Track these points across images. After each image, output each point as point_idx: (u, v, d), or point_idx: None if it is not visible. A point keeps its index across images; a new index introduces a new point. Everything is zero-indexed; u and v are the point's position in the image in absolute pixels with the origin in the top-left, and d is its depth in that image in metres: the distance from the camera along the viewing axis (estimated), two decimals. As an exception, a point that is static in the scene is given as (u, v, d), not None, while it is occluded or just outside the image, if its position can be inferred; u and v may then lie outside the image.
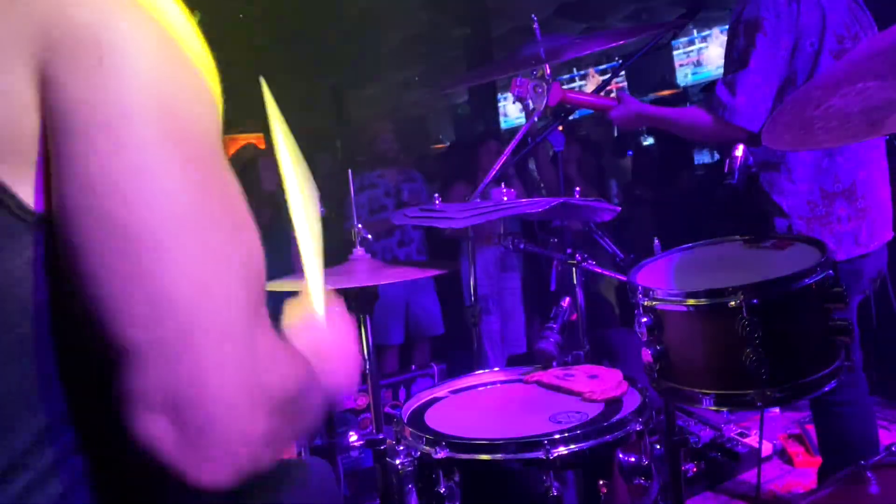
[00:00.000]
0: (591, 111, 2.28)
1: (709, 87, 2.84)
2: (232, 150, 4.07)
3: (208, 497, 0.60)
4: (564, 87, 2.19)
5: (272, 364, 0.62)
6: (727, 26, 2.07)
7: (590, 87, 10.94)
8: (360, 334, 1.87)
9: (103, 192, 0.56)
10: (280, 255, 3.74)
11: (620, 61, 10.82)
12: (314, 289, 1.06)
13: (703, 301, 1.41)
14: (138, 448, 0.57)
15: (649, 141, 6.45)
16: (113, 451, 0.62)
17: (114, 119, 0.56)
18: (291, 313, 1.01)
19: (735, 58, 1.96)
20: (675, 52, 9.93)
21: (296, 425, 0.67)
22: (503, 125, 10.76)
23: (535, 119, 2.24)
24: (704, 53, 10.07)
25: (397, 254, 4.08)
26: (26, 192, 0.58)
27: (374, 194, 4.08)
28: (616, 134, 6.19)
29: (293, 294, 1.03)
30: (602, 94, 2.40)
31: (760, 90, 1.92)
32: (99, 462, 0.63)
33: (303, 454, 2.04)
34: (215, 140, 0.64)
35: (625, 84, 9.04)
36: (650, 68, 9.57)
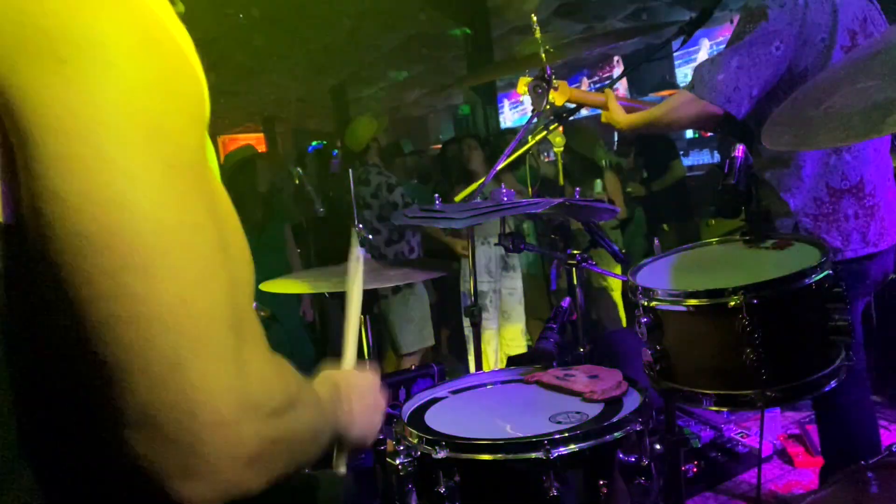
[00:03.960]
0: (598, 111, 2.27)
1: None
2: (231, 150, 4.07)
3: None
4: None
5: (260, 378, 0.60)
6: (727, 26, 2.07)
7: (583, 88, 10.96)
8: (360, 335, 1.87)
9: (77, 206, 0.52)
10: (277, 253, 3.76)
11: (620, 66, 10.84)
12: (349, 351, 1.09)
13: (703, 301, 1.41)
14: (119, 468, 0.55)
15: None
16: (97, 468, 0.59)
17: (87, 126, 0.52)
18: (327, 368, 1.00)
19: (730, 40, 1.94)
20: (675, 53, 9.94)
21: (290, 443, 0.64)
22: (503, 125, 10.76)
23: (535, 119, 2.25)
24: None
25: (386, 252, 4.09)
26: None
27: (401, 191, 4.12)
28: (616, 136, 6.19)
29: (292, 294, 1.04)
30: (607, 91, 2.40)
31: (745, 73, 1.87)
32: (82, 478, 0.60)
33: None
34: (200, 146, 0.60)
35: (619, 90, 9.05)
36: (650, 68, 9.58)
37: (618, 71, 11.27)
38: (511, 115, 13.74)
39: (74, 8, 0.53)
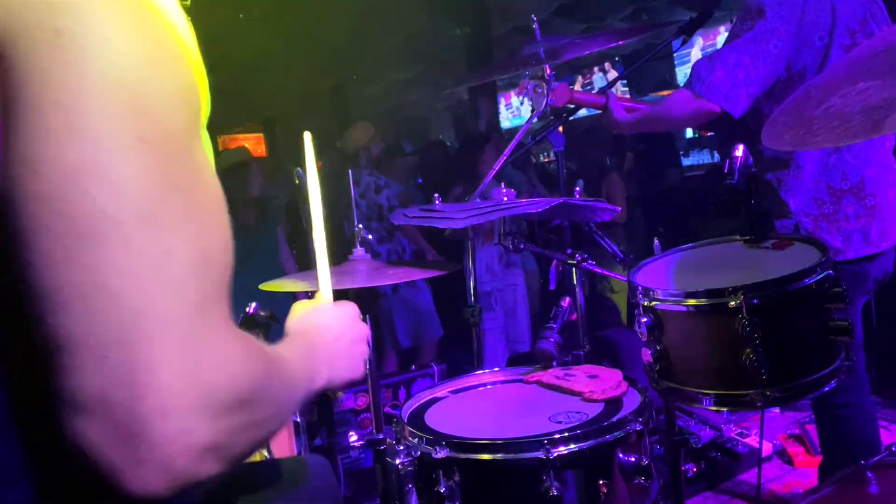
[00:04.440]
0: (597, 111, 2.27)
1: None
2: (233, 150, 4.08)
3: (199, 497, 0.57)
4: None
5: (221, 365, 0.57)
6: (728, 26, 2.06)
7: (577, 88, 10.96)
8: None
9: (52, 177, 0.52)
10: (270, 255, 3.76)
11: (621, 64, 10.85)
12: (323, 280, 1.05)
13: (703, 301, 1.40)
14: (75, 451, 0.53)
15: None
16: (50, 451, 0.57)
17: (70, 101, 0.52)
18: (300, 307, 0.98)
19: (728, 38, 1.93)
20: (675, 53, 9.93)
21: (252, 428, 0.61)
22: (503, 125, 10.76)
23: (536, 119, 2.25)
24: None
25: (378, 251, 4.12)
26: None
27: (391, 193, 4.15)
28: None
29: (289, 294, 1.04)
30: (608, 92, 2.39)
31: (744, 70, 1.86)
32: (36, 462, 0.59)
33: (303, 454, 2.04)
34: (187, 129, 0.59)
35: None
36: (650, 68, 9.58)
37: (612, 75, 11.26)
38: (507, 113, 13.73)
39: None
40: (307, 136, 1.10)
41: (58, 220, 0.52)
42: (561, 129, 2.47)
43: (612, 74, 11.25)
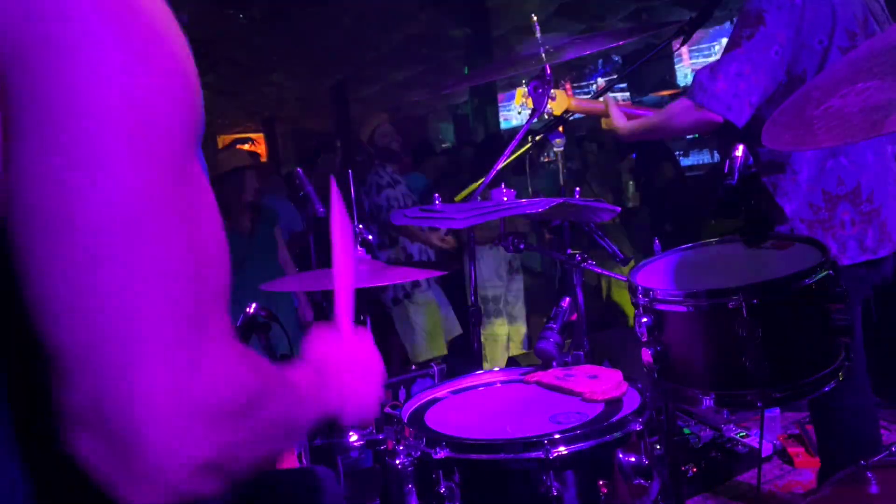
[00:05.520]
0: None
1: None
2: (230, 152, 4.07)
3: None
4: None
5: (219, 379, 0.57)
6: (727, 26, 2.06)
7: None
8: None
9: (48, 188, 0.51)
10: (269, 257, 3.76)
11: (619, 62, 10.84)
12: (343, 306, 1.01)
13: (703, 301, 1.41)
14: (73, 466, 0.53)
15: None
16: (49, 466, 0.57)
17: (65, 112, 0.52)
18: (317, 334, 0.94)
19: (727, 46, 1.92)
20: (674, 53, 9.94)
21: (252, 444, 0.61)
22: (503, 125, 10.76)
23: (536, 119, 2.24)
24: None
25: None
26: None
27: (394, 194, 4.08)
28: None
29: (289, 293, 1.01)
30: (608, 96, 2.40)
31: (745, 80, 1.85)
32: (35, 476, 0.58)
33: (303, 455, 2.04)
34: (184, 140, 0.59)
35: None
36: (650, 69, 9.59)
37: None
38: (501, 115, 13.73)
39: (68, 3, 0.53)
40: (332, 180, 1.06)
41: (54, 232, 0.51)
42: (561, 129, 2.47)
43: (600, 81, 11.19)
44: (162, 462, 0.53)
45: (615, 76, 10.72)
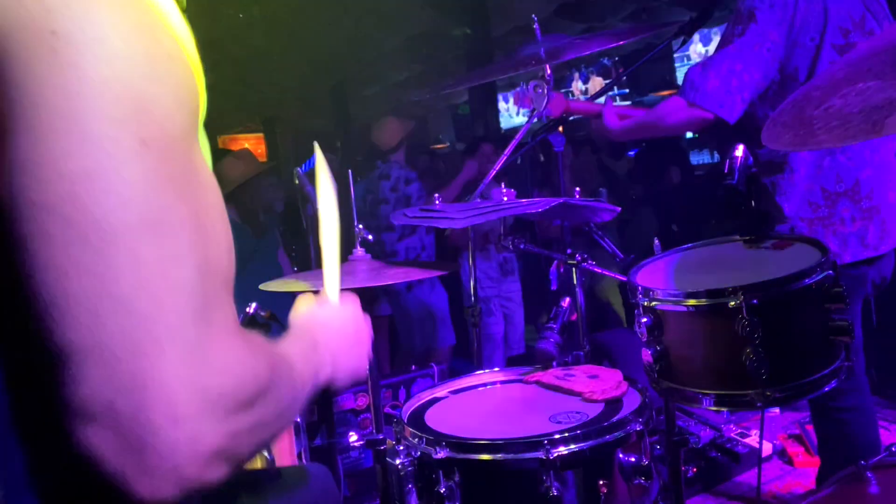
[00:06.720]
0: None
1: None
2: (238, 157, 4.05)
3: None
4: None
5: (227, 369, 0.57)
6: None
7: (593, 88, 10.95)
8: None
9: (54, 184, 0.51)
10: (270, 256, 3.76)
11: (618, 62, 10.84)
12: (330, 279, 1.03)
13: (703, 301, 1.40)
14: (82, 460, 0.53)
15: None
16: (56, 461, 0.57)
17: (69, 105, 0.52)
18: (304, 302, 0.98)
19: (720, 44, 1.92)
20: (674, 53, 9.94)
21: (259, 429, 0.61)
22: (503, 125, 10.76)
23: (535, 119, 2.24)
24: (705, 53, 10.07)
25: (397, 248, 4.13)
26: None
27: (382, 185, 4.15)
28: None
29: (289, 294, 1.03)
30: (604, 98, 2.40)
31: (737, 77, 1.84)
32: (42, 471, 0.58)
33: (303, 455, 2.04)
34: (186, 131, 0.59)
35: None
36: (650, 68, 9.58)
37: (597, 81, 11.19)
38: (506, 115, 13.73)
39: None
40: (316, 145, 1.09)
41: (61, 227, 0.51)
42: (561, 129, 2.47)
43: (598, 81, 11.17)
44: (175, 453, 0.53)
45: (608, 80, 10.73)
